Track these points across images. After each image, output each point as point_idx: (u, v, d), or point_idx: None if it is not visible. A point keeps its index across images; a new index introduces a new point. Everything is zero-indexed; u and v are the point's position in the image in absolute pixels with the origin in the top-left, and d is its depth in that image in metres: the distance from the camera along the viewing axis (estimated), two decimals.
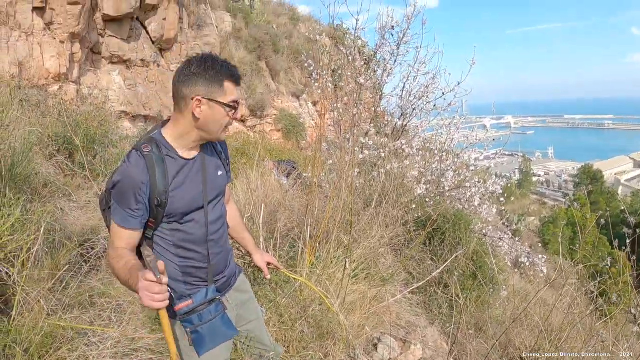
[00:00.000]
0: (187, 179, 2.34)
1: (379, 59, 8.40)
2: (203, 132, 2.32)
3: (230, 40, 19.22)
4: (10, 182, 3.99)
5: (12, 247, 3.48)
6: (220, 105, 2.26)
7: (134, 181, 2.17)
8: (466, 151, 8.17)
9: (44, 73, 11.27)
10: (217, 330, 2.40)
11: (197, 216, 2.41)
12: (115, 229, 2.24)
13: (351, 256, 4.55)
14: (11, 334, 3.06)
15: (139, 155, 2.21)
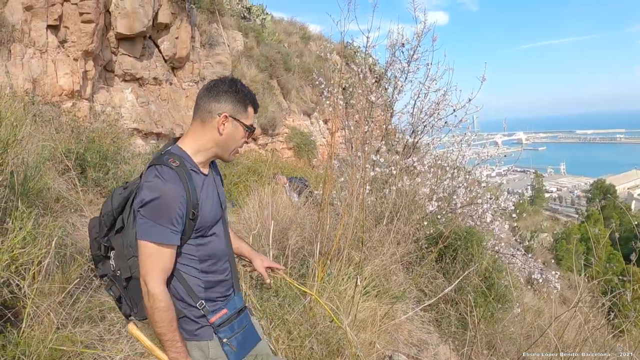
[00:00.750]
0: (208, 193, 2.37)
1: (389, 76, 8.42)
2: (220, 149, 2.36)
3: (241, 58, 19.36)
4: (23, 196, 4.03)
5: (24, 259, 3.51)
6: (242, 125, 2.35)
7: (174, 195, 2.15)
8: (478, 168, 8.14)
9: (58, 90, 11.40)
10: (247, 339, 2.47)
11: (217, 230, 2.43)
12: (152, 250, 2.14)
13: (362, 273, 4.53)
14: (20, 346, 3.07)
15: (170, 169, 2.18)
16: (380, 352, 4.42)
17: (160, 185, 2.14)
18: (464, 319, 5.68)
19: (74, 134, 8.32)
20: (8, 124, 4.02)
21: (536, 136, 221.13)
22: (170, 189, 2.14)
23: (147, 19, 13.66)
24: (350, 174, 5.30)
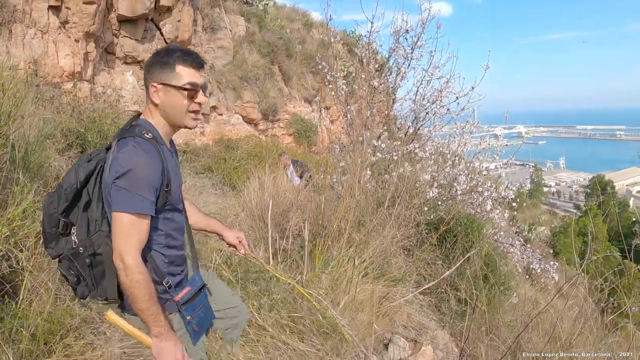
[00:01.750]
0: (174, 165, 2.36)
1: (392, 63, 8.39)
2: (167, 118, 2.30)
3: (243, 44, 19.28)
4: (24, 170, 4.01)
5: (24, 232, 3.50)
6: (174, 88, 2.23)
7: (151, 165, 2.12)
8: (478, 157, 8.13)
9: (58, 71, 11.34)
10: (206, 316, 2.48)
11: (180, 205, 2.41)
12: (130, 220, 2.07)
13: (362, 255, 4.53)
14: (18, 318, 3.06)
15: (145, 141, 2.17)
16: (380, 334, 4.42)
17: (137, 155, 2.11)
18: (462, 305, 5.69)
19: (75, 114, 8.30)
20: (10, 96, 4.01)
21: (536, 130, 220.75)
22: (147, 159, 2.12)
23: (149, 1, 13.58)
24: (353, 156, 5.28)
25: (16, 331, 3.00)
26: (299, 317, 3.87)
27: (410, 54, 7.93)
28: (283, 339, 3.68)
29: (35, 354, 3.01)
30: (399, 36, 8.04)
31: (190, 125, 2.31)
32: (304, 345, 3.65)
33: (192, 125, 2.32)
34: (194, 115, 2.30)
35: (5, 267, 3.46)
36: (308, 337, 3.78)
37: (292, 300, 4.03)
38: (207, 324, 2.51)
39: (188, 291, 2.36)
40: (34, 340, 3.05)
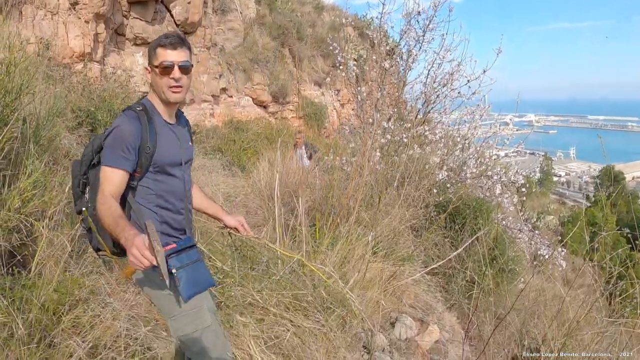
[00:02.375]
0: (169, 137, 2.65)
1: (403, 45, 8.34)
2: (158, 96, 2.64)
3: (254, 26, 19.21)
4: (34, 144, 4.05)
5: (35, 203, 3.53)
6: (154, 69, 2.59)
7: (128, 128, 2.47)
8: (488, 142, 8.10)
9: (68, 52, 11.34)
10: (200, 274, 2.59)
11: (177, 172, 2.69)
12: (106, 171, 2.43)
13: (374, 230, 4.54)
14: (28, 288, 3.10)
15: (132, 111, 2.56)
16: (387, 313, 4.43)
17: (120, 122, 2.51)
18: (469, 288, 5.69)
19: (85, 93, 8.32)
20: (22, 69, 4.03)
21: (547, 119, 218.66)
22: (127, 123, 2.49)
23: None
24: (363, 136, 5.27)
25: (26, 300, 3.03)
26: (302, 295, 3.89)
27: (421, 36, 7.89)
28: (287, 317, 3.70)
29: (44, 323, 3.04)
30: (411, 18, 7.99)
31: (171, 98, 2.60)
32: (308, 322, 3.67)
33: (172, 99, 2.60)
34: (173, 89, 2.57)
35: (16, 239, 3.49)
36: (312, 314, 3.80)
37: (294, 279, 4.04)
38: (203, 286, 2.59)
39: (171, 247, 2.52)
40: (44, 310, 3.08)
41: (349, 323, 3.85)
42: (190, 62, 2.64)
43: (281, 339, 3.46)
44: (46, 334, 3.06)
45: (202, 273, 2.61)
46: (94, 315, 3.32)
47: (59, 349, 3.00)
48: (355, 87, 7.64)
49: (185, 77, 2.60)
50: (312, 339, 3.54)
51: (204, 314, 2.63)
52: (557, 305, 5.09)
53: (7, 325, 2.82)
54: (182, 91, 2.62)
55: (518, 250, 7.67)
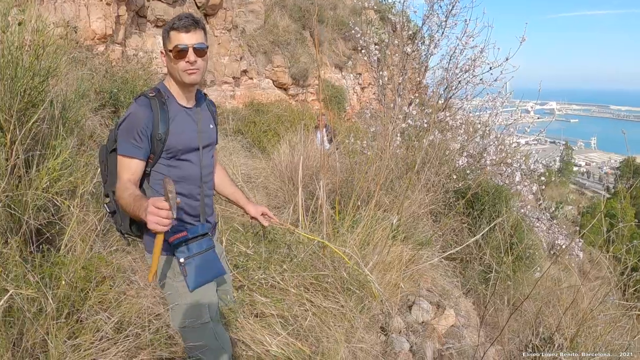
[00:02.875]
0: (184, 122, 2.64)
1: (425, 31, 8.31)
2: (174, 79, 2.63)
3: (275, 8, 19.17)
4: (62, 125, 4.13)
5: (64, 182, 3.62)
6: (168, 53, 2.56)
7: (139, 116, 2.47)
8: (508, 129, 8.08)
9: (90, 34, 11.41)
10: (208, 264, 2.60)
11: (192, 157, 2.68)
12: (122, 160, 2.48)
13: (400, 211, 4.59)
14: (57, 264, 3.18)
15: (145, 97, 2.55)
16: (404, 296, 4.49)
17: (131, 109, 2.53)
18: (486, 274, 5.72)
19: (107, 75, 8.41)
20: (50, 52, 4.09)
21: (569, 107, 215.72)
22: (138, 110, 2.50)
23: None
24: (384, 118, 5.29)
25: (55, 277, 3.12)
26: (323, 275, 3.94)
27: (444, 22, 7.86)
28: (306, 297, 3.76)
29: (72, 299, 3.13)
30: (433, 3, 7.96)
31: (187, 80, 2.57)
32: (327, 302, 3.73)
33: (188, 80, 2.57)
34: (189, 71, 2.54)
35: (44, 217, 3.59)
36: (332, 295, 3.85)
37: (315, 261, 4.10)
38: (211, 275, 2.62)
39: (182, 235, 2.53)
40: (72, 286, 3.17)
41: (367, 305, 3.90)
42: (205, 43, 2.61)
43: (300, 318, 3.53)
44: (74, 309, 3.15)
45: (211, 262, 2.62)
46: (119, 292, 3.40)
47: (86, 324, 3.08)
48: (376, 71, 7.65)
49: (200, 60, 2.58)
50: (332, 319, 3.60)
51: (202, 309, 2.66)
52: (572, 295, 5.11)
53: (36, 300, 2.89)
54: (198, 73, 2.59)
55: (535, 239, 7.67)
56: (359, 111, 14.86)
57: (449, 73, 7.72)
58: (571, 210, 38.11)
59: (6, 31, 3.75)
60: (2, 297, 2.66)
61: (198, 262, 2.54)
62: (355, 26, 8.28)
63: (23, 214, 3.36)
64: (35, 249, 3.36)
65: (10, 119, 3.55)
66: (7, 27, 3.78)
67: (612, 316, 4.79)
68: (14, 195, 3.39)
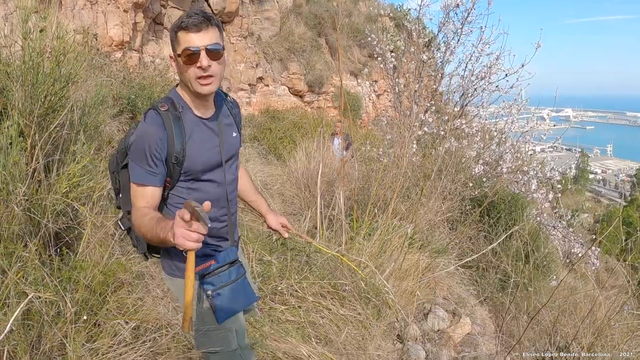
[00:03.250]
0: (203, 137, 2.31)
1: (441, 38, 8.33)
2: (185, 85, 2.26)
3: (290, 15, 19.30)
4: (82, 131, 4.17)
5: (84, 187, 3.65)
6: (178, 58, 2.19)
7: (151, 138, 2.15)
8: (524, 137, 8.05)
9: (108, 40, 11.56)
10: (238, 294, 2.37)
11: (215, 176, 2.38)
12: (135, 188, 2.20)
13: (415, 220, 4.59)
14: (76, 268, 3.20)
15: (155, 113, 2.19)
16: (420, 304, 4.48)
17: (141, 128, 2.20)
18: (502, 282, 5.69)
19: (125, 81, 8.50)
20: (70, 59, 4.15)
21: (585, 114, 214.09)
22: (149, 131, 2.16)
23: None
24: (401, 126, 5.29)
25: (74, 281, 3.15)
26: (340, 284, 3.94)
27: (460, 29, 7.86)
28: (324, 304, 3.76)
29: (90, 302, 3.15)
30: (449, 11, 7.97)
31: (200, 91, 2.20)
32: (344, 310, 3.73)
33: (202, 91, 2.20)
34: (202, 81, 2.17)
35: (63, 222, 3.62)
36: (349, 303, 3.86)
37: (332, 269, 4.10)
38: (243, 304, 2.41)
39: (210, 264, 2.32)
40: (90, 290, 3.19)
41: (384, 312, 3.90)
42: (220, 44, 2.18)
43: (318, 325, 3.53)
44: (92, 313, 3.17)
45: (241, 291, 2.39)
46: (137, 298, 3.43)
47: (104, 329, 3.10)
48: (392, 78, 7.66)
49: (215, 64, 2.17)
50: (349, 327, 3.60)
51: (230, 336, 2.42)
52: (589, 304, 5.07)
53: (54, 303, 2.91)
54: (214, 81, 2.20)
55: (552, 248, 7.63)
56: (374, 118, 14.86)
57: (465, 80, 7.71)
58: (587, 218, 37.76)
59: (27, 38, 3.80)
60: (21, 300, 2.68)
61: (227, 294, 2.31)
62: (371, 33, 8.31)
63: (42, 218, 3.39)
64: (54, 252, 3.40)
65: (30, 124, 3.59)
66: (28, 33, 3.82)
67: (629, 325, 4.74)
68: (34, 199, 3.42)
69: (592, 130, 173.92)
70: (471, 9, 7.78)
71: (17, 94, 3.60)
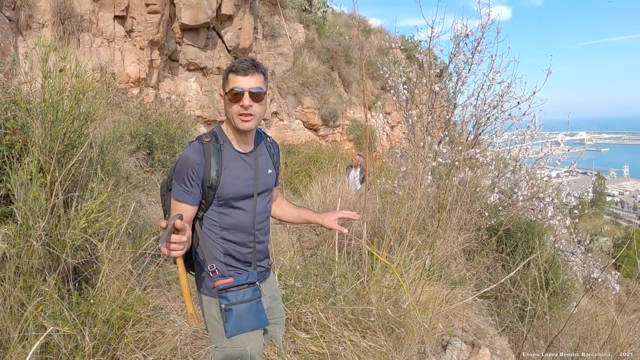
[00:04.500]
0: (238, 169, 2.57)
1: (452, 68, 8.37)
2: (228, 121, 2.56)
3: (303, 50, 19.54)
4: (100, 167, 4.25)
5: (100, 224, 3.70)
6: (225, 96, 2.50)
7: (190, 162, 2.43)
8: (539, 163, 8.03)
9: (125, 77, 11.79)
10: (250, 314, 2.53)
11: (245, 205, 2.61)
12: (174, 204, 2.49)
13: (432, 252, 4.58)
14: (95, 303, 3.24)
15: (198, 143, 2.51)
16: (439, 336, 4.44)
17: (184, 154, 2.49)
18: (521, 311, 5.64)
19: (142, 118, 8.64)
20: (89, 97, 4.24)
21: (599, 137, 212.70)
22: (190, 156, 2.46)
23: (211, 10, 13.96)
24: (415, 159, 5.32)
25: (92, 315, 3.18)
26: (365, 312, 3.93)
27: (470, 58, 7.91)
28: (346, 335, 3.75)
29: (108, 337, 3.18)
30: (459, 41, 8.02)
31: (241, 127, 2.49)
32: (365, 342, 3.71)
33: (242, 127, 2.49)
34: (243, 118, 2.47)
35: (81, 257, 3.67)
36: (371, 334, 3.84)
37: (354, 298, 4.10)
38: (251, 326, 2.54)
39: (228, 282, 2.52)
40: (108, 325, 3.22)
41: (405, 344, 3.88)
42: (262, 88, 2.50)
43: (339, 357, 3.52)
44: (110, 347, 3.19)
45: (253, 313, 2.54)
46: (156, 332, 3.45)
47: None
48: (405, 110, 7.71)
49: (257, 105, 2.48)
50: (370, 359, 3.58)
51: (244, 355, 2.56)
52: (609, 329, 5.01)
53: (72, 337, 2.94)
54: (253, 120, 2.50)
55: (571, 274, 7.54)
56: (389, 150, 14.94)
57: (478, 109, 7.73)
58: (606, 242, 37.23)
59: (48, 77, 3.90)
60: (40, 334, 2.72)
61: (239, 311, 2.50)
62: (383, 66, 8.39)
63: (61, 252, 3.45)
64: (73, 287, 3.44)
65: (50, 161, 3.67)
66: (48, 72, 3.92)
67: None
68: (53, 234, 3.48)
69: (607, 152, 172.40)
70: (480, 38, 7.84)
71: (37, 131, 3.69)
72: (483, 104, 7.71)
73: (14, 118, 3.86)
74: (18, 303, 2.96)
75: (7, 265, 3.03)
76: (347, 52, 21.24)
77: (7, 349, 2.78)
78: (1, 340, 2.80)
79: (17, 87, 4.26)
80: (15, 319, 2.89)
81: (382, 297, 4.11)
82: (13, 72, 7.03)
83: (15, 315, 2.90)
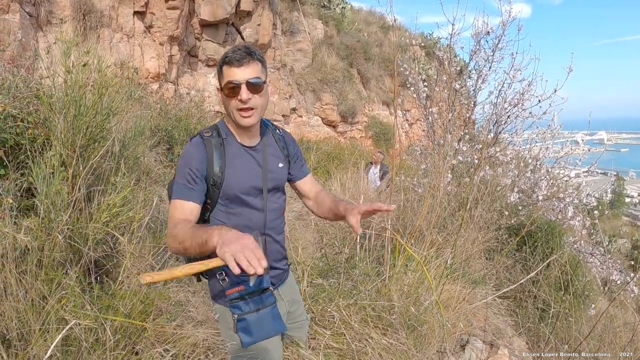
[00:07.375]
0: (244, 163, 2.39)
1: (473, 66, 8.31)
2: (228, 116, 2.40)
3: (322, 46, 19.53)
4: (122, 162, 4.27)
5: (123, 217, 3.72)
6: (220, 89, 2.33)
7: (191, 157, 2.28)
8: (559, 163, 7.96)
9: (144, 73, 11.86)
10: (265, 322, 2.30)
11: (254, 202, 2.42)
12: (174, 203, 2.25)
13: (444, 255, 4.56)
14: (116, 297, 3.25)
15: (199, 138, 2.35)
16: (457, 336, 4.43)
17: (185, 150, 2.34)
18: (541, 312, 5.60)
19: (162, 113, 8.69)
20: (112, 91, 4.27)
21: (619, 136, 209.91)
22: (190, 151, 2.31)
23: (230, 6, 14.00)
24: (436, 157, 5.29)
25: (113, 309, 3.19)
26: (387, 309, 3.91)
27: (491, 56, 7.84)
28: (367, 333, 3.74)
29: (129, 330, 3.19)
30: (480, 38, 7.96)
31: (241, 122, 2.31)
32: (386, 339, 3.70)
33: (242, 123, 2.31)
34: (242, 113, 2.28)
35: (102, 250, 3.69)
36: (391, 331, 3.83)
37: (375, 295, 4.09)
38: (268, 334, 2.31)
39: (240, 290, 2.26)
40: (130, 319, 3.23)
41: (425, 343, 3.87)
42: (261, 78, 2.27)
43: (361, 353, 3.51)
44: (130, 341, 3.21)
45: (269, 320, 2.30)
46: (176, 326, 3.46)
47: (143, 357, 3.13)
48: (425, 108, 7.67)
49: (256, 97, 2.27)
50: (391, 356, 3.57)
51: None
52: (629, 332, 4.96)
53: (94, 330, 2.95)
54: (254, 114, 2.30)
55: (590, 275, 7.48)
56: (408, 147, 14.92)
57: (498, 108, 7.67)
58: (625, 244, 36.80)
59: (71, 71, 3.92)
60: (61, 327, 2.73)
61: (253, 320, 2.26)
62: (403, 63, 8.35)
63: (83, 246, 3.47)
64: (94, 280, 3.46)
65: (72, 155, 3.69)
66: (71, 67, 3.94)
67: None
68: (75, 227, 3.50)
69: (627, 152, 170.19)
70: (501, 36, 7.77)
71: (60, 125, 3.70)
72: (504, 102, 7.65)
73: (36, 112, 3.88)
74: (40, 296, 2.97)
75: (29, 258, 3.04)
76: (365, 48, 21.19)
77: (29, 342, 2.79)
78: (23, 333, 2.82)
79: (38, 81, 4.30)
80: (37, 312, 2.90)
81: (402, 295, 4.10)
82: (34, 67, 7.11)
83: (37, 308, 2.91)
